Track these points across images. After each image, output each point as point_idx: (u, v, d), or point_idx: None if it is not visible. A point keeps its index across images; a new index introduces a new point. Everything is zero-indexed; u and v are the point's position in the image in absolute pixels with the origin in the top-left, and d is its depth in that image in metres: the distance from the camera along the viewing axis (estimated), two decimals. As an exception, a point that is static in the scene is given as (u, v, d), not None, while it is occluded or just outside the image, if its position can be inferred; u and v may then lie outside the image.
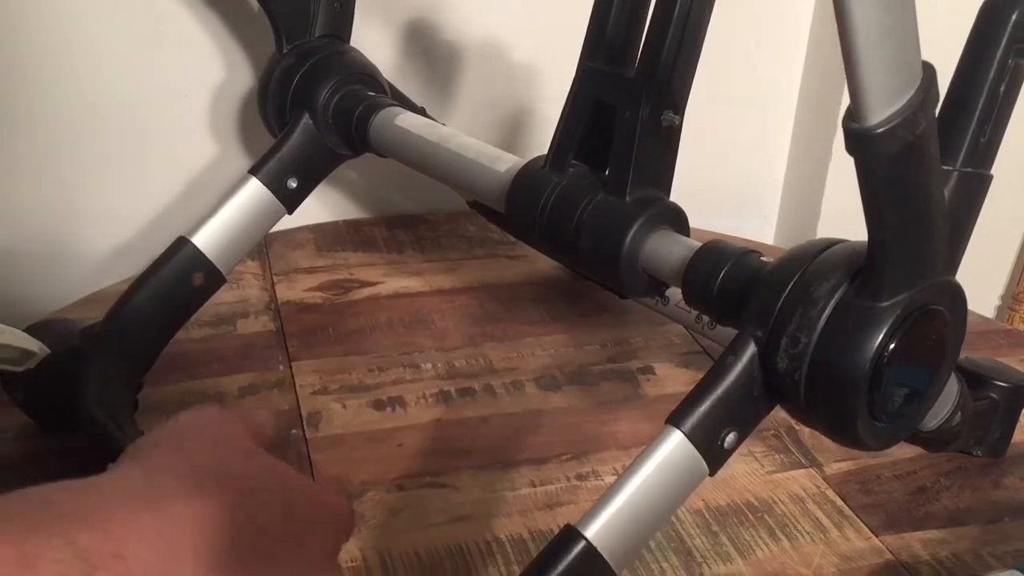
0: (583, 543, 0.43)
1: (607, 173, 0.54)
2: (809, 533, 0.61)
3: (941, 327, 0.44)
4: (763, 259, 0.48)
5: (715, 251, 0.49)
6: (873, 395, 0.42)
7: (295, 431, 0.67)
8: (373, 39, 0.88)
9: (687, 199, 0.55)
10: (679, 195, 0.55)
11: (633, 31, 0.53)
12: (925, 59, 0.36)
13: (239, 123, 0.90)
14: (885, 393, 0.43)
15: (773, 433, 0.70)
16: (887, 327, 0.41)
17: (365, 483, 0.63)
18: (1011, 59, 0.40)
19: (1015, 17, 0.40)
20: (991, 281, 1.16)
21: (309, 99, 0.70)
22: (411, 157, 0.67)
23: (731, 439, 0.45)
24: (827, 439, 0.68)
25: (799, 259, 0.44)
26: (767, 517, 0.62)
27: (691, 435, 0.44)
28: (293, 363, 0.75)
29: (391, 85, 0.76)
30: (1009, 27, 0.40)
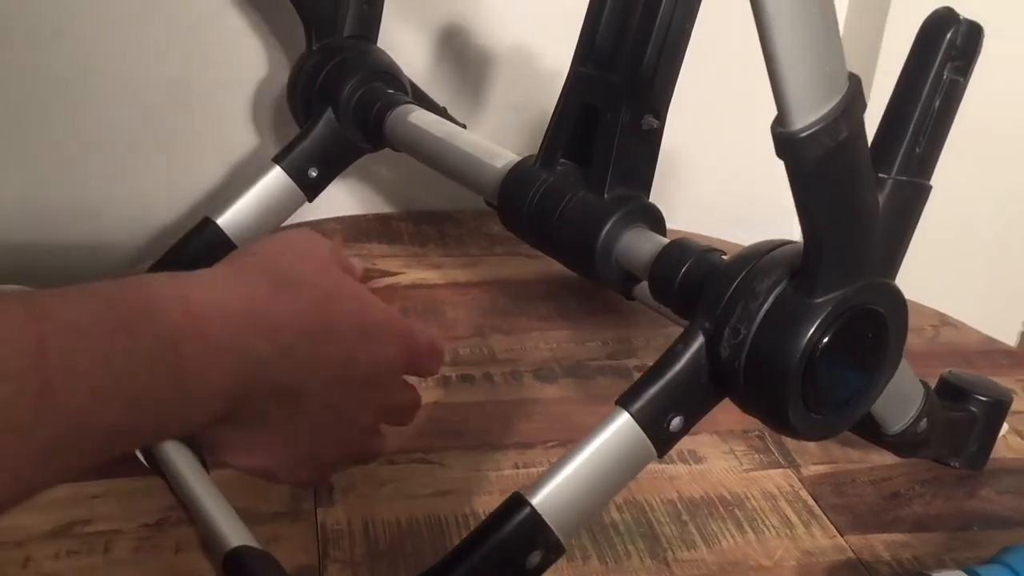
0: (528, 509, 0.46)
1: (589, 172, 0.57)
2: (776, 528, 0.63)
3: (879, 327, 0.46)
4: (723, 257, 0.51)
5: (680, 248, 0.52)
6: (807, 387, 0.45)
7: (300, 404, 0.71)
8: (407, 43, 0.92)
9: (710, 215, 0.58)
10: (700, 209, 0.58)
11: (621, 38, 0.57)
12: (851, 71, 0.39)
13: (275, 116, 0.95)
14: (819, 386, 0.45)
15: (756, 434, 0.72)
16: (819, 322, 0.44)
17: (359, 455, 0.67)
18: (946, 74, 0.43)
19: (950, 36, 0.42)
20: (1015, 307, 1.16)
21: (333, 94, 0.75)
22: (420, 152, 0.71)
23: (676, 423, 0.48)
24: (808, 442, 0.71)
25: (748, 257, 0.47)
26: (737, 511, 0.65)
27: (637, 416, 0.47)
28: (307, 343, 0.79)
29: (413, 84, 0.80)
30: (944, 44, 0.42)
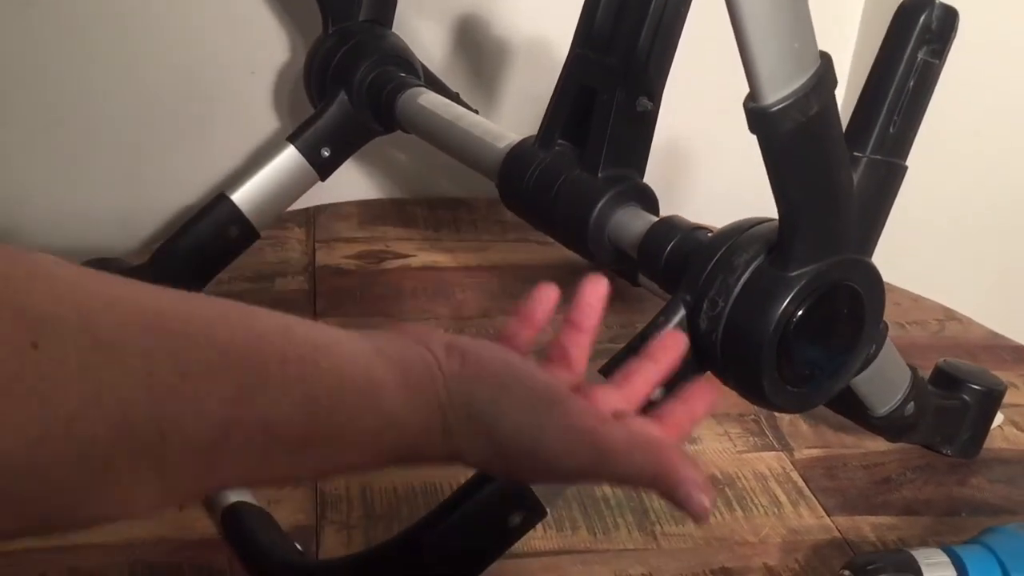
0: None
1: (585, 152, 0.59)
2: (764, 507, 0.65)
3: (854, 303, 0.47)
4: (709, 235, 0.52)
5: (667, 225, 0.54)
6: (782, 359, 0.46)
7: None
8: (426, 31, 0.94)
9: (722, 203, 0.58)
10: (712, 198, 0.59)
11: (618, 21, 0.58)
12: (822, 49, 0.40)
13: (298, 99, 0.97)
14: (794, 359, 0.47)
15: (752, 417, 0.73)
16: (792, 295, 0.45)
17: (361, 426, 0.69)
18: (921, 56, 0.44)
19: (923, 19, 0.43)
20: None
21: (347, 77, 0.77)
22: (428, 133, 0.73)
23: (656, 394, 0.50)
24: (803, 426, 0.72)
25: (729, 233, 0.49)
26: (727, 489, 0.66)
27: (619, 385, 0.49)
28: (318, 319, 0.81)
29: (426, 69, 0.82)
30: (918, 27, 0.43)
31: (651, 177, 0.62)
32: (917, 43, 0.43)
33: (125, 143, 0.93)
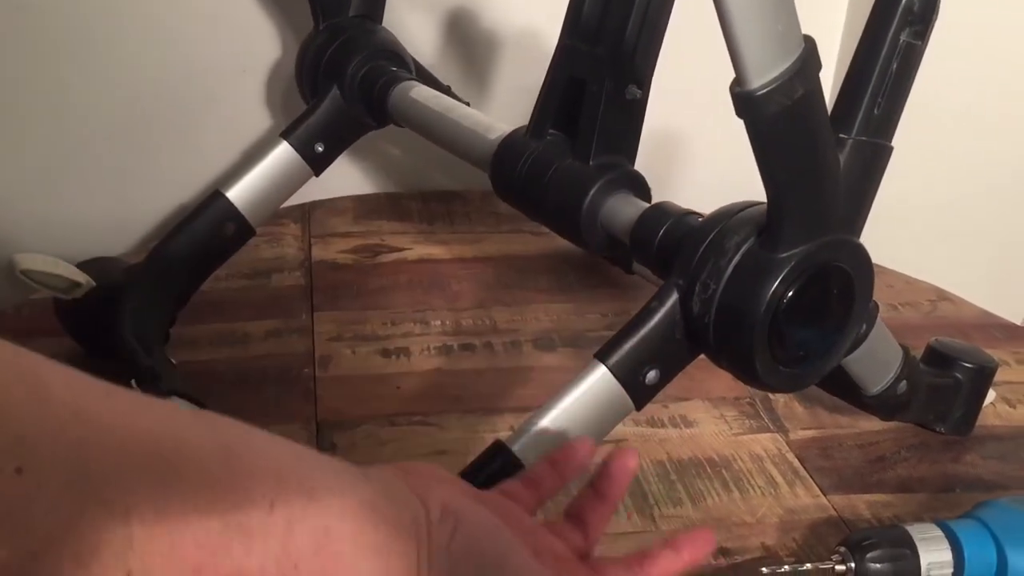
0: (508, 454, 0.48)
1: (576, 141, 0.59)
2: (761, 488, 0.65)
3: (844, 283, 0.48)
4: (700, 219, 0.53)
5: (659, 211, 0.54)
6: (773, 339, 0.47)
7: (306, 370, 0.74)
8: (416, 26, 0.95)
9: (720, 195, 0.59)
10: (705, 188, 0.59)
11: (605, 12, 0.59)
12: (807, 33, 0.41)
13: (290, 98, 0.97)
14: (786, 339, 0.47)
15: (747, 401, 0.74)
16: (783, 275, 0.46)
17: (362, 417, 0.70)
18: (903, 38, 0.44)
19: (905, 2, 0.44)
20: (1020, 286, 1.16)
21: (339, 72, 0.78)
22: (421, 126, 0.73)
23: (652, 376, 0.51)
24: (798, 408, 0.73)
25: (719, 217, 0.49)
26: (724, 471, 0.67)
27: (614, 369, 0.50)
28: (315, 313, 0.82)
29: (418, 64, 0.83)
30: (900, 9, 0.44)
31: (640, 167, 0.63)
32: (899, 25, 0.44)
33: (118, 143, 0.94)
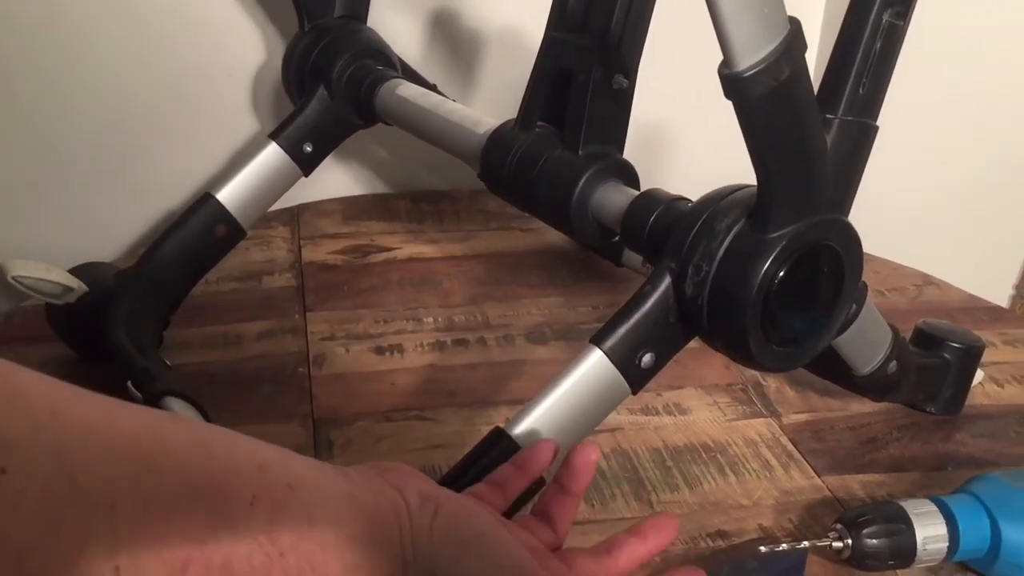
0: (508, 440, 0.49)
1: (565, 132, 0.60)
2: (756, 471, 0.66)
3: (834, 262, 0.49)
4: (689, 204, 0.54)
5: (649, 198, 0.55)
6: (766, 319, 0.48)
7: (301, 369, 0.75)
8: (400, 25, 0.95)
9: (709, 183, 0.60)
10: (692, 177, 0.60)
11: (591, 3, 0.59)
12: (791, 15, 0.42)
13: (276, 100, 0.98)
14: (778, 318, 0.48)
15: (740, 387, 0.75)
16: (773, 256, 0.46)
17: (357, 414, 0.70)
18: (886, 18, 0.45)
19: (888, -19, 0.45)
20: (1005, 271, 1.18)
21: (325, 72, 0.78)
22: (408, 123, 0.74)
23: (648, 360, 0.51)
24: (790, 392, 0.74)
25: (709, 201, 0.50)
26: (719, 456, 0.67)
27: (609, 353, 0.50)
28: (308, 313, 0.82)
29: (402, 62, 0.83)
30: (882, -10, 0.45)
31: (629, 159, 0.63)
32: (882, 6, 0.45)
33: (104, 149, 0.94)
